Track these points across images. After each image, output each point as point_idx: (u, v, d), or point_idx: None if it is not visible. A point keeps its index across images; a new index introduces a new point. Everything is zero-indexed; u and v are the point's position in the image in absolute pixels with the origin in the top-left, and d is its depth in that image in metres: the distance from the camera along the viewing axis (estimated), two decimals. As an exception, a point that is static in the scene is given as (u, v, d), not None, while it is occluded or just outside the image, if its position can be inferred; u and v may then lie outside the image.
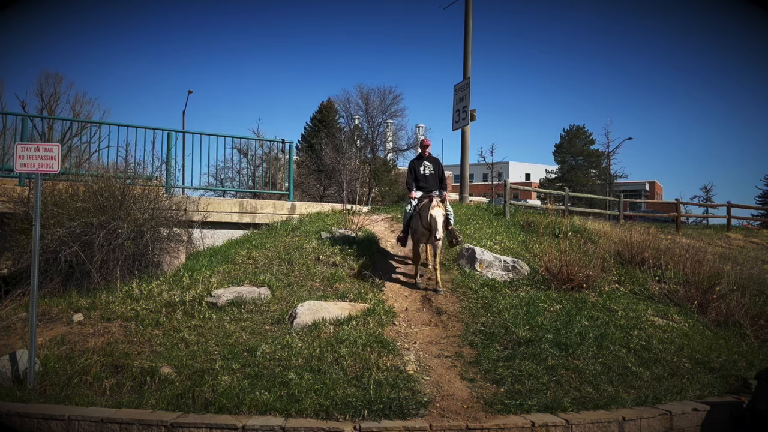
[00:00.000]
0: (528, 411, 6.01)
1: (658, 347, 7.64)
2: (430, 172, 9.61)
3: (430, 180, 9.56)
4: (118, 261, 8.52)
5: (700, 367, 7.43)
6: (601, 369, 6.93)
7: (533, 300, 8.51)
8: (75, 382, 6.18)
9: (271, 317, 7.67)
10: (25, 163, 6.51)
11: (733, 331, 8.68)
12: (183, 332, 7.16)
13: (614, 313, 8.38)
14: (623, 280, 9.93)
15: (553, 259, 9.39)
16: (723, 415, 6.55)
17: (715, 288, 9.40)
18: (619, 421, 5.99)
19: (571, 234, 11.45)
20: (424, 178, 9.55)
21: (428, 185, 9.47)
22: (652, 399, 6.53)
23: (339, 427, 5.47)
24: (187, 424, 5.44)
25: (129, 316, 7.53)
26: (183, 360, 6.53)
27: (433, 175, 9.61)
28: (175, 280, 8.68)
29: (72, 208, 8.57)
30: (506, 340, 7.38)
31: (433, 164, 9.72)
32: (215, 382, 6.10)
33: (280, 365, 6.46)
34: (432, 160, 9.80)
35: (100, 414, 5.59)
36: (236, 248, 10.26)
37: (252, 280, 8.71)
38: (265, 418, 5.59)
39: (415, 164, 9.73)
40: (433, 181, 9.60)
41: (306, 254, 9.70)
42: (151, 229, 9.13)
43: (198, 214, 10.48)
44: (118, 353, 6.63)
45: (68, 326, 7.37)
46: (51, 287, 8.16)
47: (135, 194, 9.19)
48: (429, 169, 9.62)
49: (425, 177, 9.56)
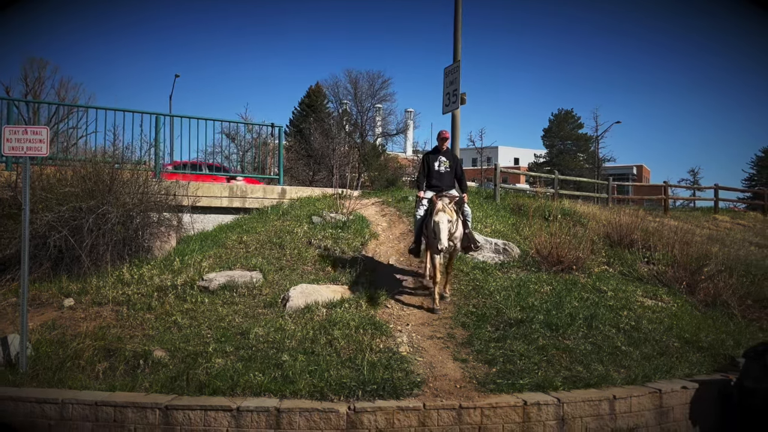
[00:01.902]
0: (520, 390, 6.09)
1: (647, 327, 7.73)
2: (446, 168, 8.32)
3: (446, 177, 8.31)
4: (108, 246, 8.47)
5: (689, 347, 7.53)
6: (592, 348, 7.01)
7: (524, 282, 8.58)
8: (68, 366, 6.17)
9: (264, 300, 7.68)
10: (13, 146, 6.44)
11: (720, 311, 8.80)
12: (175, 316, 7.16)
13: (604, 294, 8.47)
14: (612, 261, 10.02)
15: (543, 241, 9.47)
16: (711, 392, 6.65)
17: (703, 269, 9.50)
18: (609, 399, 6.08)
19: (560, 217, 11.53)
20: (438, 175, 8.30)
21: (442, 183, 8.26)
22: (641, 378, 6.61)
23: (333, 408, 5.52)
24: (182, 407, 5.47)
25: (120, 301, 7.52)
26: (176, 343, 6.54)
27: (448, 173, 8.35)
28: (166, 264, 8.64)
29: (60, 192, 8.47)
30: (498, 321, 7.44)
31: (451, 160, 8.44)
32: (209, 364, 6.12)
33: (273, 348, 6.49)
34: (450, 155, 8.53)
35: (93, 397, 5.60)
36: (227, 233, 10.23)
37: (244, 264, 8.70)
38: (260, 399, 5.63)
39: (430, 158, 8.47)
40: (449, 179, 8.36)
41: (297, 238, 9.69)
42: (141, 213, 9.07)
43: (188, 199, 10.40)
44: (110, 337, 6.63)
45: (59, 311, 7.34)
46: (41, 272, 8.09)
47: (124, 179, 9.10)
48: (445, 165, 8.33)
49: (439, 174, 8.30)
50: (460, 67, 13.60)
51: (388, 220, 11.18)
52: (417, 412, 5.62)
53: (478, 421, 5.70)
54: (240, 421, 5.42)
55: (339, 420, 5.48)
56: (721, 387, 6.73)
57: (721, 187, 21.75)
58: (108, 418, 5.47)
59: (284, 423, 5.43)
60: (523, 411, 5.79)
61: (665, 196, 19.86)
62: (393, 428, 5.52)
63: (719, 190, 21.62)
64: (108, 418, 5.47)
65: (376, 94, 41.14)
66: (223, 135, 24.76)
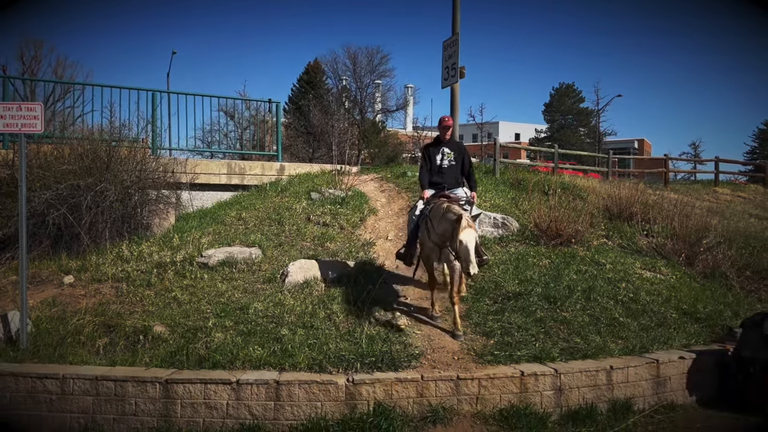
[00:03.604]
0: (517, 361, 6.13)
1: (645, 299, 7.75)
2: (450, 162, 7.13)
3: (449, 173, 7.13)
4: (107, 223, 8.47)
5: (687, 318, 7.56)
6: (589, 320, 7.05)
7: (522, 255, 8.59)
8: (68, 342, 6.21)
9: (263, 276, 7.71)
10: (7, 123, 6.40)
11: (719, 283, 8.82)
12: (175, 292, 7.19)
13: (602, 267, 8.48)
14: (611, 234, 10.02)
15: (542, 215, 9.46)
16: (708, 362, 6.70)
17: (702, 241, 9.51)
18: (606, 369, 6.13)
19: (560, 191, 11.49)
20: (440, 171, 7.11)
21: (444, 180, 7.08)
22: (639, 348, 6.66)
23: (332, 380, 5.58)
24: (182, 380, 5.52)
25: (120, 277, 7.54)
26: (176, 319, 6.58)
27: (453, 168, 7.15)
28: (165, 241, 8.66)
29: (58, 170, 8.46)
30: (496, 295, 7.47)
31: (456, 152, 7.21)
32: (208, 339, 6.16)
33: (272, 322, 6.53)
34: (455, 146, 7.33)
35: (94, 372, 5.64)
36: (226, 209, 10.23)
37: (243, 240, 8.71)
38: (260, 372, 5.68)
39: (431, 151, 7.24)
40: (453, 175, 7.16)
41: (296, 214, 9.70)
42: (139, 191, 9.05)
43: (186, 176, 10.37)
44: (110, 313, 6.67)
45: (59, 288, 7.36)
46: (40, 250, 8.12)
47: (121, 156, 9.08)
48: (449, 158, 7.13)
49: (442, 169, 7.12)
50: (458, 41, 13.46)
51: (387, 196, 11.18)
52: (415, 384, 5.68)
53: (476, 392, 5.76)
54: (240, 394, 5.47)
55: (338, 392, 5.53)
56: (718, 357, 6.78)
57: (722, 160, 21.69)
58: (109, 393, 5.52)
59: (284, 395, 5.48)
60: (521, 382, 5.85)
61: (666, 170, 19.77)
62: (391, 399, 5.58)
63: (720, 162, 21.56)
64: (109, 393, 5.52)
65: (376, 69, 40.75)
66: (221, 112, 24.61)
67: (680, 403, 6.41)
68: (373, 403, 5.53)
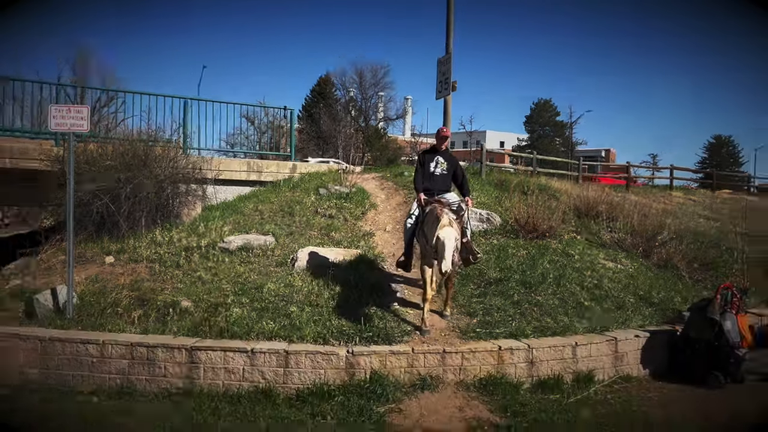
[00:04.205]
0: (496, 337, 6.19)
1: (607, 285, 7.78)
2: (442, 171, 6.66)
3: (439, 181, 6.66)
4: (143, 212, 8.55)
5: (643, 302, 7.61)
6: (559, 303, 7.08)
7: (503, 246, 8.62)
8: (107, 313, 6.27)
9: (276, 260, 7.72)
10: (58, 122, 6.45)
11: (671, 273, 8.85)
12: (200, 272, 7.21)
13: (571, 258, 8.50)
14: (580, 230, 10.01)
15: (521, 212, 9.46)
16: (660, 341, 6.77)
17: (658, 237, 9.52)
18: (572, 345, 6.20)
19: (537, 191, 11.48)
20: (432, 178, 6.64)
21: (434, 187, 6.60)
22: (600, 328, 6.71)
23: (334, 351, 5.63)
24: (205, 348, 5.58)
25: (153, 259, 7.57)
26: (200, 295, 6.61)
27: (444, 176, 6.70)
28: (192, 228, 8.68)
29: (102, 165, 8.53)
30: (479, 281, 7.50)
31: (449, 162, 6.74)
32: (228, 313, 6.19)
33: (283, 300, 6.56)
34: (448, 157, 6.83)
35: (129, 339, 5.71)
36: (245, 202, 10.24)
37: (259, 229, 8.74)
38: (271, 343, 5.73)
39: (426, 158, 6.79)
40: (443, 182, 6.72)
41: (305, 207, 9.71)
42: (171, 184, 9.12)
43: (211, 173, 10.37)
44: (144, 289, 6.71)
45: (101, 267, 7.41)
46: (86, 234, 8.16)
47: (156, 154, 9.14)
48: (442, 167, 6.66)
49: (433, 176, 6.64)
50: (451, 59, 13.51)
51: (386, 193, 11.18)
52: (406, 356, 5.73)
53: (459, 363, 5.81)
54: (254, 361, 5.53)
55: (339, 361, 5.58)
56: (668, 336, 6.84)
57: (676, 168, 21.71)
58: (142, 357, 5.58)
59: (292, 363, 5.54)
60: (498, 355, 5.91)
61: (628, 175, 19.81)
62: (385, 368, 5.62)
63: (674, 170, 21.58)
64: (142, 357, 5.58)
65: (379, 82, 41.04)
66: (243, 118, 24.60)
67: (635, 376, 6.47)
68: (370, 371, 5.57)
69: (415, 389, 5.54)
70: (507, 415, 5.20)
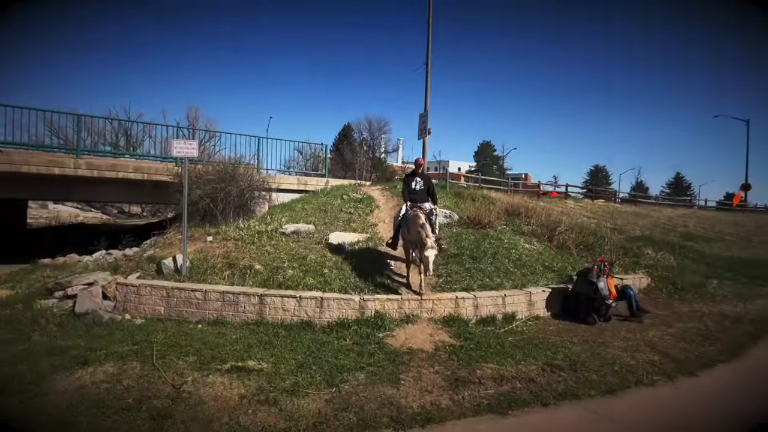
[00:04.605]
0: (454, 291, 6.20)
1: (525, 259, 7.77)
2: (420, 187, 6.90)
3: (419, 193, 6.86)
4: (230, 209, 8.60)
5: (548, 270, 7.59)
6: (494, 270, 7.08)
7: (459, 234, 8.57)
8: (208, 272, 6.32)
9: (315, 240, 7.71)
10: (178, 150, 6.49)
11: (566, 251, 8.81)
12: (267, 247, 7.20)
13: (502, 241, 8.44)
14: (508, 223, 9.92)
15: (471, 212, 9.42)
16: (558, 294, 6.78)
17: (557, 228, 9.47)
18: (502, 296, 6.21)
19: (481, 199, 11.47)
20: (414, 192, 6.87)
21: (417, 198, 6.80)
22: (521, 285, 6.73)
23: (352, 298, 5.65)
24: (270, 294, 5.60)
25: (237, 238, 7.55)
26: (266, 262, 6.62)
27: (422, 190, 6.90)
28: (262, 219, 8.66)
29: (205, 179, 8.59)
30: (443, 256, 7.31)
31: (424, 181, 7.00)
32: (284, 274, 6.22)
33: (319, 265, 6.56)
34: (423, 177, 7.07)
35: (222, 288, 5.74)
36: (295, 203, 10.18)
37: (304, 220, 8.71)
38: (312, 292, 5.75)
39: (409, 179, 7.02)
40: (422, 195, 6.87)
41: (334, 207, 9.68)
42: (249, 191, 9.15)
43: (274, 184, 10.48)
44: (231, 257, 6.73)
45: (204, 243, 7.42)
46: (194, 223, 8.17)
47: (240, 172, 9.18)
48: (420, 184, 6.90)
49: (415, 191, 6.86)
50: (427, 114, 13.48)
51: (386, 198, 11.09)
52: (397, 302, 5.75)
53: (431, 307, 5.83)
54: (301, 303, 5.55)
55: (354, 305, 5.60)
56: (563, 291, 6.86)
57: (570, 185, 21.72)
58: (230, 300, 5.61)
59: (325, 305, 5.56)
60: (455, 302, 5.92)
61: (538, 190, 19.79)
62: (384, 309, 5.65)
63: (569, 186, 21.57)
64: (230, 300, 5.61)
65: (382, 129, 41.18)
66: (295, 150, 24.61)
67: (542, 316, 6.49)
68: (374, 311, 5.60)
69: (402, 322, 5.56)
70: (461, 339, 5.24)
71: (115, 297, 5.85)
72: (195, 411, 3.51)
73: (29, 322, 5.24)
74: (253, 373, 4.12)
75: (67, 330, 5.13)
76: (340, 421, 3.47)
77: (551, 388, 4.18)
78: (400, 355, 4.72)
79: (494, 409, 3.79)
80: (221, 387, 3.89)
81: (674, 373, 4.71)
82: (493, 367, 4.50)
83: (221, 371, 4.14)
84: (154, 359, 4.31)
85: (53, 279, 6.32)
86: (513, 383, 4.25)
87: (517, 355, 4.84)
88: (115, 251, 8.43)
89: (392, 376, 4.22)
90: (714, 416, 3.84)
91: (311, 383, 4.01)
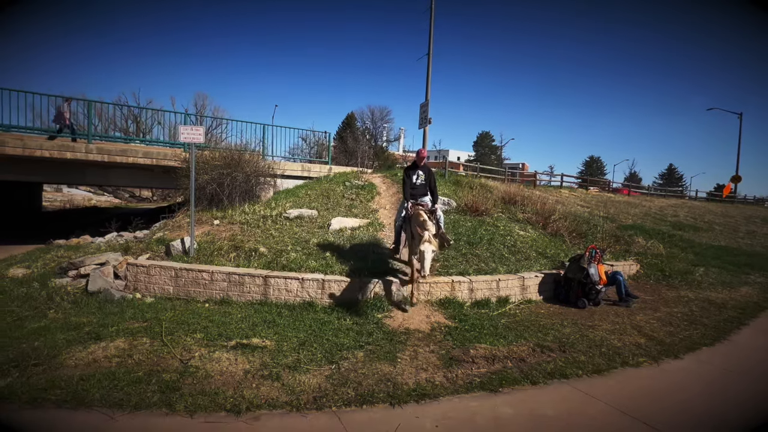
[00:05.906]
0: (450, 275, 6.19)
1: (520, 245, 7.76)
2: (421, 182, 6.10)
3: (420, 188, 6.09)
4: (237, 194, 8.59)
5: (541, 256, 7.58)
6: (489, 255, 7.07)
7: (457, 220, 8.55)
8: (214, 254, 6.31)
9: (318, 225, 7.71)
10: (185, 136, 6.38)
11: (559, 239, 8.79)
12: (271, 231, 7.21)
13: (498, 228, 8.44)
14: (504, 211, 9.92)
15: (469, 199, 9.41)
16: (550, 279, 6.78)
17: (551, 216, 9.46)
18: (497, 280, 6.20)
19: (479, 187, 11.42)
20: (414, 186, 6.07)
21: (417, 192, 6.05)
22: (514, 270, 6.72)
23: (352, 280, 5.64)
24: (273, 276, 5.59)
25: (243, 222, 7.56)
26: (271, 245, 6.62)
27: (423, 185, 6.11)
28: (267, 204, 8.65)
29: (212, 165, 8.54)
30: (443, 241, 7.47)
31: (426, 174, 6.12)
32: (287, 256, 6.21)
33: (321, 249, 6.56)
34: (425, 170, 6.15)
35: (227, 270, 5.73)
36: (299, 189, 10.18)
37: (308, 206, 8.70)
38: (314, 274, 5.74)
39: (410, 172, 6.13)
40: (423, 189, 6.09)
41: (337, 193, 9.65)
42: (254, 177, 9.11)
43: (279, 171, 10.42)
44: (237, 240, 6.73)
45: (211, 226, 7.43)
46: (202, 206, 8.19)
47: (245, 159, 9.12)
48: (421, 178, 6.10)
49: (415, 185, 6.07)
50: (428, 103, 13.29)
51: (386, 186, 11.04)
52: (397, 284, 5.75)
53: (427, 290, 5.83)
54: (303, 285, 5.56)
55: (354, 285, 5.61)
56: (555, 276, 6.85)
57: (565, 175, 21.49)
58: (235, 281, 5.62)
59: (326, 287, 5.57)
60: (451, 285, 5.93)
61: (535, 179, 19.66)
62: (382, 291, 5.66)
63: (564, 176, 21.37)
64: (235, 281, 5.62)
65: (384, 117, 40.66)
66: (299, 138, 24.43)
67: (534, 299, 6.51)
68: (374, 293, 5.62)
69: (400, 304, 5.57)
70: (456, 321, 5.27)
71: (126, 276, 5.88)
72: (202, 384, 3.56)
73: (45, 300, 5.30)
74: (257, 350, 4.16)
75: (81, 307, 5.18)
76: (339, 395, 3.52)
77: (541, 368, 4.22)
78: (398, 335, 4.75)
79: (486, 386, 3.84)
80: (227, 362, 3.93)
81: (659, 355, 4.75)
82: (486, 347, 4.53)
83: (227, 348, 4.18)
84: (163, 335, 4.36)
85: (67, 259, 6.36)
86: (504, 362, 4.29)
87: (509, 336, 4.87)
88: (126, 233, 8.45)
89: (389, 355, 4.26)
90: (696, 396, 3.88)
91: (312, 360, 4.05)
